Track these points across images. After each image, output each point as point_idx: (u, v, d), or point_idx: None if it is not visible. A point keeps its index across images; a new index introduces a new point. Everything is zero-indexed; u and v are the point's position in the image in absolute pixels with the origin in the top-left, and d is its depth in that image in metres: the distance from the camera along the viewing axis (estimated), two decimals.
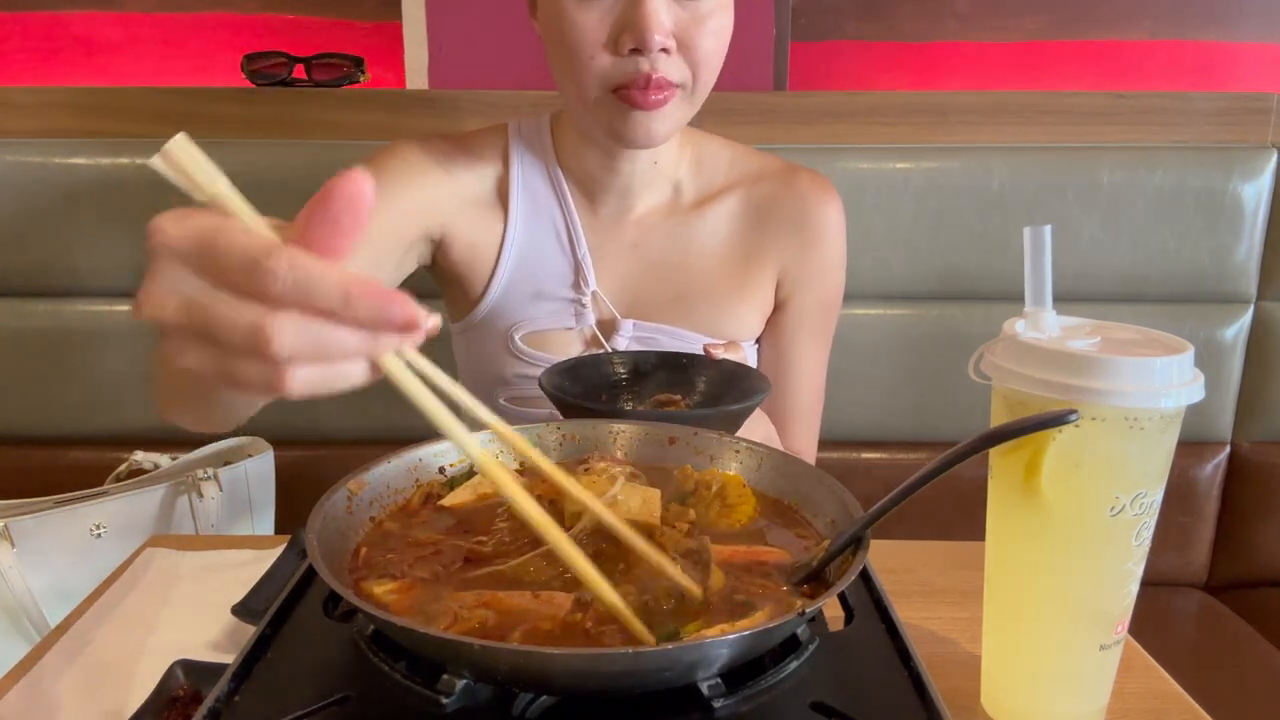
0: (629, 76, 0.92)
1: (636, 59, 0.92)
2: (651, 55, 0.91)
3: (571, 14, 0.92)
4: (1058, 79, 1.71)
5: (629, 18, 0.90)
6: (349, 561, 0.59)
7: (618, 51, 0.92)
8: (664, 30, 0.90)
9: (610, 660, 0.47)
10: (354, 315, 0.39)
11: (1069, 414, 0.53)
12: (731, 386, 0.90)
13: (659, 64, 0.92)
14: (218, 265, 0.39)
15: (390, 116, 1.47)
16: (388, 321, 0.39)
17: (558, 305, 1.09)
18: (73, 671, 0.73)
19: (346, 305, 0.38)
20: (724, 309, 1.10)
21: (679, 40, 0.92)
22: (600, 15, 0.91)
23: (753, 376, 0.90)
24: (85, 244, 1.45)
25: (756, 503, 0.67)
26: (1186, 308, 1.50)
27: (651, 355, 0.96)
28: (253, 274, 0.38)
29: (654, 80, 0.92)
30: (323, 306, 0.38)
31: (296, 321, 0.38)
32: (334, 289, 0.38)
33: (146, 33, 1.69)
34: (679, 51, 0.93)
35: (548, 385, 0.85)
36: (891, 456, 1.54)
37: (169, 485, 1.23)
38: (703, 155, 1.13)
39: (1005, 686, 0.67)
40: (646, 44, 0.90)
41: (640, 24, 0.89)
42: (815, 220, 1.11)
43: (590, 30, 0.92)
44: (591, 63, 0.93)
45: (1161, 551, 1.53)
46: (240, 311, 0.38)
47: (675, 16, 0.92)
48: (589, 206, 1.09)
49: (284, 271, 0.38)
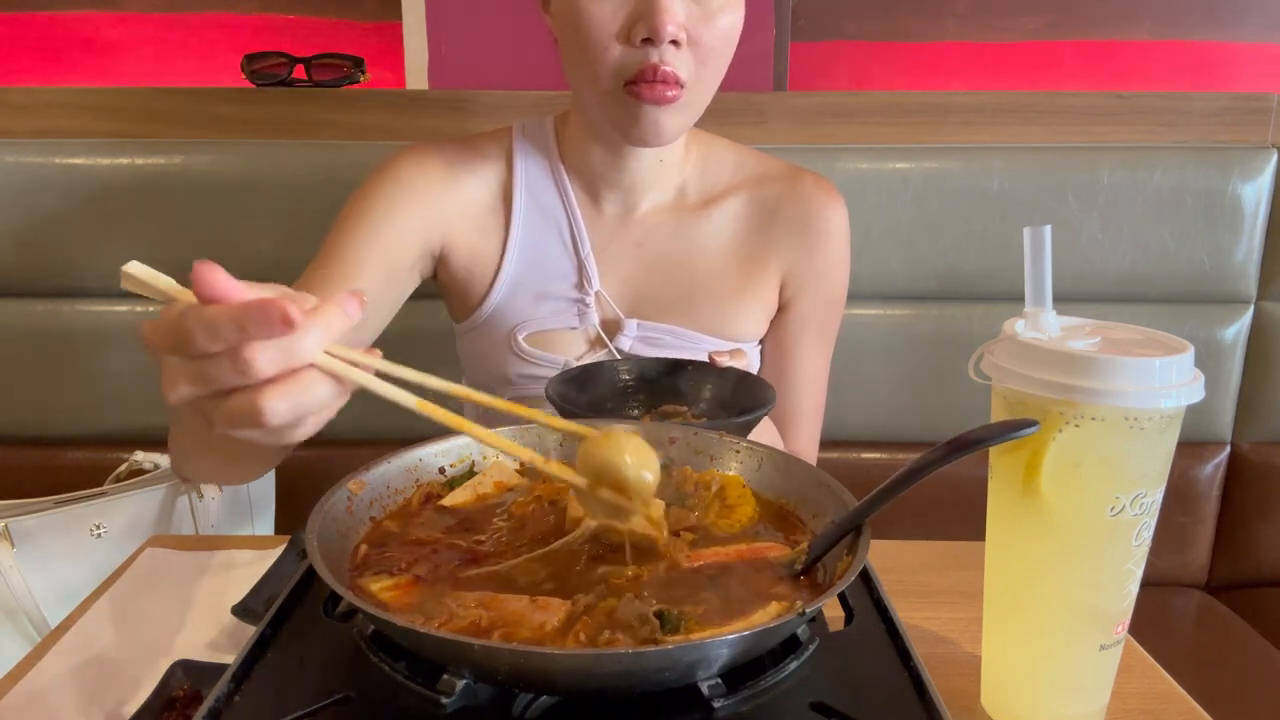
0: (639, 68, 0.93)
1: (647, 49, 0.93)
2: (662, 47, 0.92)
3: (586, 5, 0.93)
4: (1058, 79, 1.71)
5: (642, 9, 0.92)
6: (349, 561, 0.60)
7: (630, 42, 0.93)
8: (676, 21, 0.91)
9: (610, 660, 0.47)
10: (255, 332, 0.49)
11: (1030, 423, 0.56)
12: (737, 396, 0.90)
13: (667, 55, 0.93)
14: (183, 345, 0.50)
15: (390, 116, 1.47)
16: (278, 322, 0.49)
17: (561, 305, 1.09)
18: (73, 671, 0.73)
19: (244, 327, 0.49)
20: (727, 309, 1.10)
21: (689, 35, 0.93)
22: (614, 7, 0.93)
23: (759, 385, 0.90)
24: (85, 244, 1.45)
25: (756, 503, 0.67)
26: (1186, 308, 1.50)
27: (658, 362, 0.96)
28: (185, 337, 0.50)
29: (661, 73, 0.93)
30: (229, 339, 0.49)
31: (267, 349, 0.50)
32: (227, 321, 0.49)
33: (146, 33, 1.69)
34: (688, 46, 0.94)
35: (554, 394, 0.85)
36: (891, 456, 1.54)
37: (169, 485, 1.23)
38: (708, 156, 1.13)
39: (1005, 687, 0.67)
40: (659, 33, 0.91)
41: (653, 13, 0.90)
42: (819, 223, 1.11)
43: (604, 21, 0.93)
44: (605, 54, 0.94)
45: (1161, 551, 1.53)
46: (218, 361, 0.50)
47: (688, 10, 0.93)
48: (593, 206, 1.10)
49: (192, 326, 0.50)
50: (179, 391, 0.52)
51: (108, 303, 1.48)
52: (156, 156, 1.44)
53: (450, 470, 0.70)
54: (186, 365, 0.51)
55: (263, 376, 0.50)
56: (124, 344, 1.48)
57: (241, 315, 0.49)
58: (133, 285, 0.53)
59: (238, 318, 0.49)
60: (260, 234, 1.44)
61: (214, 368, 0.50)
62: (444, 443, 0.71)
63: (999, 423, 0.57)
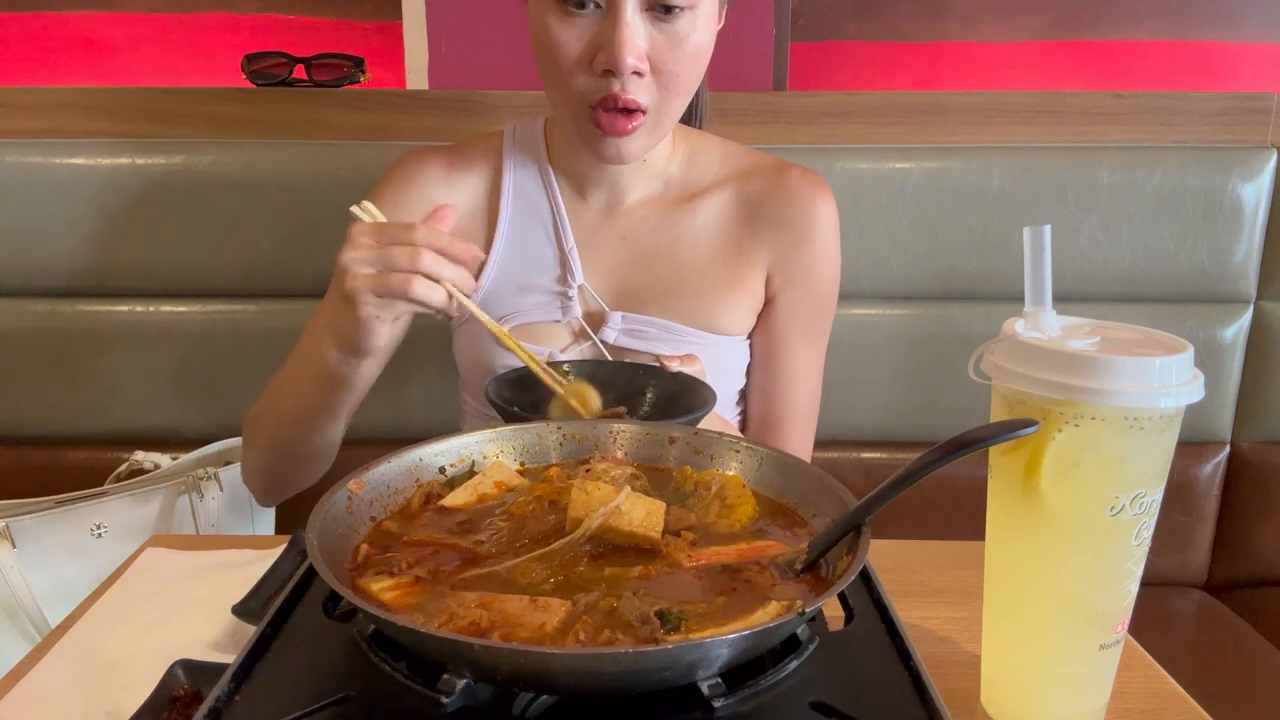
0: (601, 95, 0.94)
1: (609, 79, 0.93)
2: (624, 78, 0.92)
3: (553, 29, 0.93)
4: (1058, 79, 1.72)
5: (604, 38, 0.92)
6: (349, 561, 0.60)
7: (592, 70, 0.93)
8: (637, 53, 0.91)
9: (610, 660, 0.47)
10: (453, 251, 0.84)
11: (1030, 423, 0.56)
12: (677, 400, 0.91)
13: (629, 85, 0.93)
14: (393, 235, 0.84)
15: (390, 116, 1.47)
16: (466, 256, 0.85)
17: (545, 298, 1.09)
18: (73, 671, 0.73)
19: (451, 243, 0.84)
20: (713, 302, 1.10)
21: (653, 63, 0.93)
22: (579, 33, 0.93)
23: (700, 390, 0.91)
24: (85, 244, 1.45)
25: (756, 503, 0.67)
26: (1186, 308, 1.50)
27: (607, 365, 0.98)
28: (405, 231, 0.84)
29: (623, 101, 0.93)
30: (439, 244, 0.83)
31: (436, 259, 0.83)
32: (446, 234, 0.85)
33: (146, 33, 1.69)
34: (652, 74, 0.94)
35: (495, 395, 0.86)
36: (891, 456, 1.54)
37: (169, 485, 1.23)
38: (695, 151, 1.13)
39: (1005, 686, 0.67)
40: (619, 66, 0.91)
41: (613, 46, 0.90)
42: (805, 217, 1.11)
43: (569, 47, 0.93)
44: (570, 79, 0.95)
45: (1161, 551, 1.53)
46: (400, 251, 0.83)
47: (652, 39, 0.93)
48: (579, 201, 1.11)
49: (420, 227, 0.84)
50: (359, 256, 0.83)
51: (108, 303, 1.48)
52: (156, 156, 1.44)
53: (450, 470, 0.70)
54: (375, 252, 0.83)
55: (421, 269, 0.82)
56: (124, 344, 1.48)
57: (452, 239, 0.84)
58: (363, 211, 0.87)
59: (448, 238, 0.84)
60: (260, 234, 1.44)
61: (396, 253, 0.82)
62: (444, 442, 0.71)
63: (998, 423, 0.57)
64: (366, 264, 0.82)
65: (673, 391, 0.93)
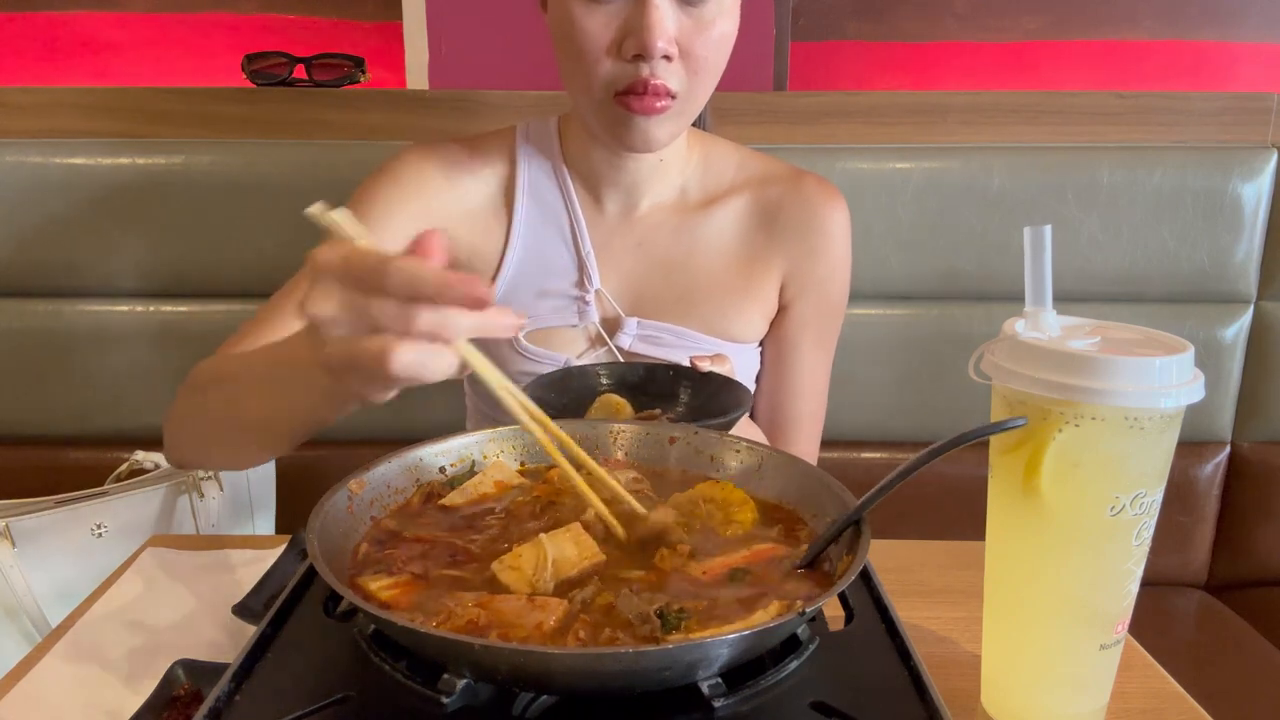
0: (630, 81, 0.93)
1: (638, 64, 0.92)
2: (653, 62, 0.92)
3: (578, 17, 0.92)
4: (1058, 79, 1.72)
5: (633, 23, 0.91)
6: (349, 561, 0.60)
7: (621, 56, 0.93)
8: (667, 37, 0.91)
9: (610, 660, 0.47)
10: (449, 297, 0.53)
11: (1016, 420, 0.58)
12: (713, 400, 0.91)
13: (659, 70, 0.92)
14: (367, 278, 0.54)
15: (390, 116, 1.47)
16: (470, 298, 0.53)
17: (561, 303, 1.09)
18: (73, 671, 0.73)
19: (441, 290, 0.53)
20: (727, 309, 1.10)
21: (681, 47, 0.93)
22: (606, 19, 0.92)
23: (735, 390, 0.90)
24: (85, 244, 1.45)
25: (757, 507, 0.67)
26: (1186, 308, 1.50)
27: (639, 367, 0.97)
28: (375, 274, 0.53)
29: (652, 86, 0.92)
30: (425, 293, 0.53)
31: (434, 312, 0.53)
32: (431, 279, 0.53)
33: (146, 33, 1.70)
34: (680, 59, 0.94)
35: (531, 398, 0.86)
36: (891, 456, 1.54)
37: (169, 485, 1.23)
38: (710, 156, 1.13)
39: (1005, 686, 0.67)
40: (649, 50, 0.90)
41: (644, 30, 0.90)
42: (821, 226, 1.11)
43: (595, 34, 0.92)
44: (596, 66, 0.93)
45: (1161, 551, 1.53)
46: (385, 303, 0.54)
47: (679, 23, 0.92)
48: (595, 204, 1.10)
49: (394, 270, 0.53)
50: (325, 308, 0.55)
51: (108, 303, 1.48)
52: (156, 156, 1.44)
53: (451, 470, 0.70)
54: (350, 294, 0.54)
55: (416, 331, 0.53)
56: (124, 344, 1.48)
57: (449, 278, 0.53)
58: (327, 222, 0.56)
59: (445, 279, 0.53)
60: (260, 234, 1.44)
61: (378, 307, 0.53)
62: (444, 442, 0.71)
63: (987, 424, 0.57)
64: (340, 324, 0.55)
65: (708, 392, 0.92)
